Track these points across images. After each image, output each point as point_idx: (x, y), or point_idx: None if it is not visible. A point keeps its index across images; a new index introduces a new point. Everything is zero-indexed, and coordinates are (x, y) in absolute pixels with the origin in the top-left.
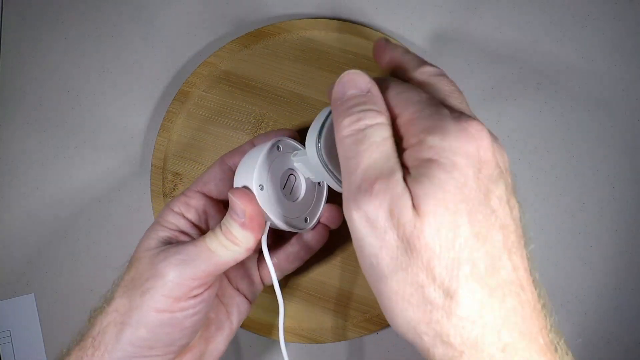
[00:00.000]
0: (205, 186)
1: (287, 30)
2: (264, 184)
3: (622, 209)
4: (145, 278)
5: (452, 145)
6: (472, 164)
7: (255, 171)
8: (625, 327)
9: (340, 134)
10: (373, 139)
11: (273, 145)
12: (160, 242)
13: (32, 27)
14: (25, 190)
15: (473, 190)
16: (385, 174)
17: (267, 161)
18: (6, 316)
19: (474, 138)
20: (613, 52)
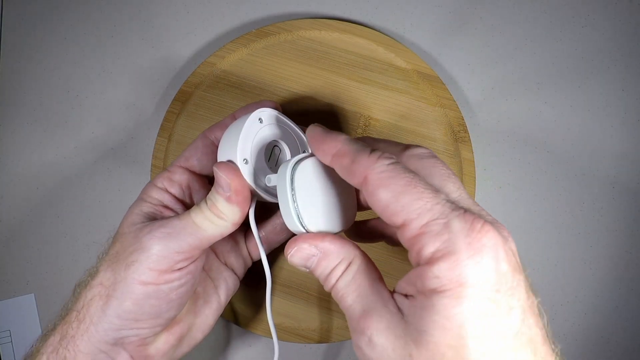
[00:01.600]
0: (187, 161)
1: (287, 30)
2: (247, 158)
3: (622, 209)
4: (129, 252)
5: (462, 274)
6: (489, 286)
7: (238, 145)
8: (625, 327)
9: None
10: (342, 291)
11: (255, 117)
12: (145, 217)
13: (32, 27)
14: (25, 190)
15: (490, 316)
16: (365, 313)
17: (250, 134)
18: (6, 316)
19: (490, 251)
20: (613, 52)
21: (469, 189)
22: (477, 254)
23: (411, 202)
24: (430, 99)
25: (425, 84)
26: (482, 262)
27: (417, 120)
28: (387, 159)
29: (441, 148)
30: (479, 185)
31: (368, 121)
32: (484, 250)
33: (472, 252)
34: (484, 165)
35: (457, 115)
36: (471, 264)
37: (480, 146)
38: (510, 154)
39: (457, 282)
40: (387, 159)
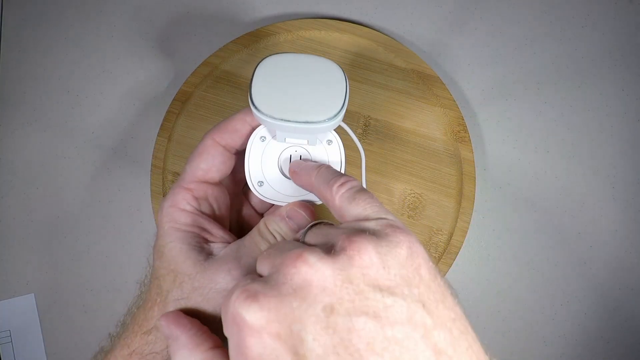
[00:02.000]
0: (207, 174)
1: (287, 30)
2: (262, 180)
3: (622, 209)
4: (211, 295)
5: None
6: (387, 265)
7: (247, 172)
8: (625, 327)
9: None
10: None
11: (256, 137)
12: (193, 249)
13: (32, 27)
14: (25, 190)
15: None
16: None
17: (256, 156)
18: (6, 316)
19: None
20: (613, 52)
21: (469, 189)
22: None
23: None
24: (430, 99)
25: (425, 84)
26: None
27: (417, 120)
28: (343, 188)
29: (441, 148)
30: (479, 185)
31: (368, 121)
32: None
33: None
34: (484, 165)
35: (457, 115)
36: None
37: (480, 146)
38: (510, 154)
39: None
40: (342, 190)
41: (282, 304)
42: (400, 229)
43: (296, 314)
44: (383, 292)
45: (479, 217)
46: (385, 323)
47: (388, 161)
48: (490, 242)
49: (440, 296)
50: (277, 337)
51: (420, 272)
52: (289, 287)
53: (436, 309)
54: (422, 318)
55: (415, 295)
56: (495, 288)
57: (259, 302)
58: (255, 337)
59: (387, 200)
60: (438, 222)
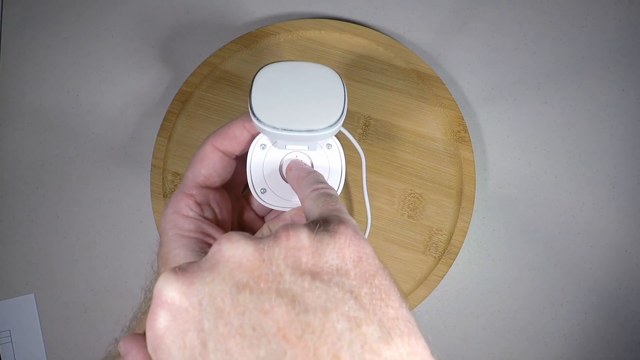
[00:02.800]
0: (208, 179)
1: (287, 30)
2: (265, 187)
3: (622, 209)
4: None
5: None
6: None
7: (250, 180)
8: (625, 327)
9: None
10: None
11: (256, 145)
12: (198, 257)
13: (32, 27)
14: (25, 190)
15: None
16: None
17: (258, 164)
18: (6, 316)
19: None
20: (613, 52)
21: (469, 189)
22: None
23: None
24: (430, 99)
25: (425, 84)
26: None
27: (417, 120)
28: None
29: (441, 148)
30: (479, 185)
31: (368, 121)
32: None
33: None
34: (484, 165)
35: (457, 115)
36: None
37: (480, 146)
38: (510, 154)
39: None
40: (313, 193)
41: (196, 278)
42: (346, 224)
43: (207, 288)
44: (305, 276)
45: (479, 217)
46: (302, 308)
47: (388, 161)
48: (490, 242)
49: (381, 294)
50: (186, 311)
51: (360, 267)
52: (208, 262)
53: (371, 304)
54: (352, 310)
55: (347, 286)
56: (495, 288)
57: (178, 277)
58: (165, 310)
59: (387, 200)
60: (438, 222)
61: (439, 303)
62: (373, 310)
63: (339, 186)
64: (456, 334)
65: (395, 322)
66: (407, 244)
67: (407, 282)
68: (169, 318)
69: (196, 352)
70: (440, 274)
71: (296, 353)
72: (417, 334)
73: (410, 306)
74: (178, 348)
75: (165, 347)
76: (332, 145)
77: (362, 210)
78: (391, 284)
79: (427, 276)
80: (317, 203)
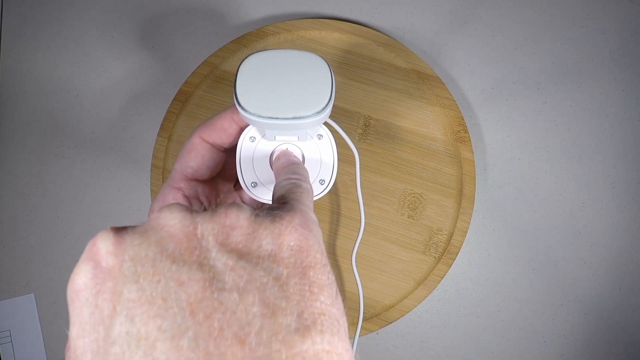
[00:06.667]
0: (197, 172)
1: (287, 30)
2: (255, 180)
3: (622, 209)
4: None
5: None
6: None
7: (240, 174)
8: (625, 327)
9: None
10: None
11: (245, 138)
12: None
13: (32, 27)
14: (25, 190)
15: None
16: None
17: (248, 157)
18: (6, 316)
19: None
20: (613, 52)
21: (469, 189)
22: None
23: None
24: (430, 99)
25: (425, 84)
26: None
27: (417, 120)
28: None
29: (441, 148)
30: (479, 185)
31: (368, 121)
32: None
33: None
34: (484, 165)
35: (457, 115)
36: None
37: (480, 146)
38: (510, 154)
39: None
40: (286, 181)
41: (127, 239)
42: (295, 212)
43: (132, 251)
44: (232, 254)
45: (479, 217)
46: (218, 286)
47: (388, 161)
48: (490, 242)
49: (312, 288)
50: (108, 271)
51: (297, 257)
52: (143, 227)
53: (296, 294)
54: (272, 297)
55: (274, 272)
56: (495, 288)
57: (113, 234)
58: (89, 266)
59: (387, 200)
60: (438, 222)
61: (439, 303)
62: (297, 301)
63: (331, 177)
64: (456, 334)
65: (320, 318)
66: (407, 244)
67: (407, 282)
68: (90, 276)
69: (105, 314)
70: (440, 274)
71: (199, 331)
72: (342, 335)
73: (410, 306)
74: (90, 307)
75: (79, 303)
76: (323, 136)
77: (358, 209)
78: (329, 281)
79: (427, 276)
80: (282, 191)
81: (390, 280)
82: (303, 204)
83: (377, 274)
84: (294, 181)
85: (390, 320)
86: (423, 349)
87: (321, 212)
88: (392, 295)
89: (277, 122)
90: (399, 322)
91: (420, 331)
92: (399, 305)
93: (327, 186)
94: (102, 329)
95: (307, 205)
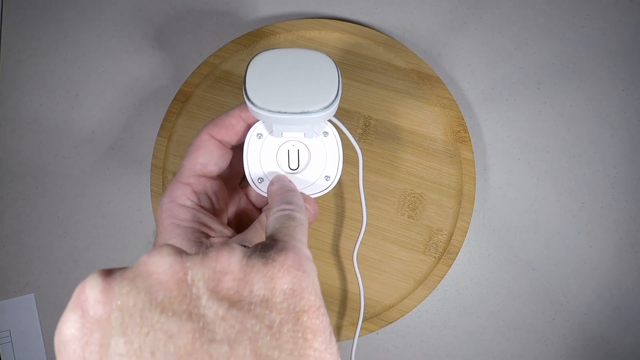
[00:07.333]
0: (205, 168)
1: (287, 30)
2: (262, 176)
3: (622, 209)
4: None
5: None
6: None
7: (247, 170)
8: (625, 327)
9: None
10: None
11: (252, 135)
12: (192, 246)
13: (32, 27)
14: (25, 189)
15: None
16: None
17: (254, 153)
18: (6, 316)
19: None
20: (613, 52)
21: (469, 189)
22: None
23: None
24: (430, 99)
25: (425, 84)
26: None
27: (417, 120)
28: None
29: (441, 148)
30: (479, 185)
31: (368, 121)
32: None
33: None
34: (484, 165)
35: (457, 115)
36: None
37: (480, 146)
38: (510, 154)
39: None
40: (279, 213)
41: (116, 286)
42: (288, 252)
43: (120, 301)
44: (222, 303)
45: (479, 217)
46: (209, 337)
47: (388, 161)
48: (490, 242)
49: (305, 334)
50: (95, 321)
51: (290, 301)
52: (132, 272)
53: (290, 343)
54: (265, 347)
55: (267, 319)
56: (495, 288)
57: (102, 280)
58: (77, 315)
59: (387, 200)
60: (438, 222)
61: (439, 303)
62: (290, 350)
63: (336, 174)
64: (456, 334)
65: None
66: (407, 244)
67: (407, 282)
68: (78, 326)
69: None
70: (440, 274)
71: None
72: None
73: (410, 306)
74: (77, 359)
75: (65, 354)
76: (328, 133)
77: (360, 209)
78: (323, 324)
79: (427, 276)
80: (275, 223)
81: (390, 280)
82: (296, 240)
83: (377, 274)
84: (287, 212)
85: (390, 320)
86: (423, 349)
87: (322, 212)
88: (392, 295)
89: (285, 117)
90: (399, 322)
91: (420, 331)
92: (399, 305)
93: (332, 182)
94: None
95: (300, 240)
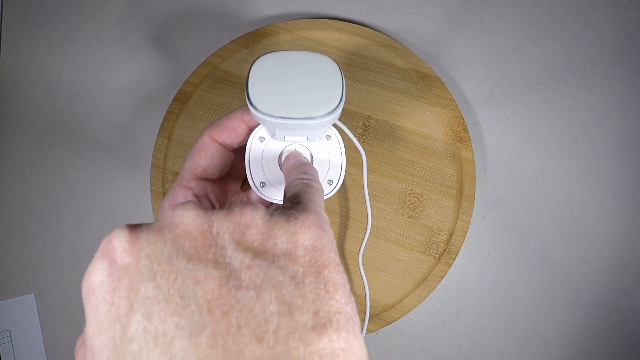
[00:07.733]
0: (206, 171)
1: (287, 30)
2: (264, 180)
3: (622, 209)
4: None
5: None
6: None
7: (249, 175)
8: (625, 327)
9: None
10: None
11: (254, 138)
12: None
13: (32, 27)
14: (25, 190)
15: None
16: None
17: (257, 157)
18: (6, 316)
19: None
20: (613, 52)
21: (469, 189)
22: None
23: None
24: (430, 99)
25: (425, 84)
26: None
27: (417, 120)
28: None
29: (441, 148)
30: (479, 185)
31: (368, 121)
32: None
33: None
34: (484, 165)
35: (457, 115)
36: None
37: (480, 146)
38: (510, 154)
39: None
40: (298, 181)
41: (143, 237)
42: (309, 212)
43: (148, 249)
44: (247, 253)
45: (479, 217)
46: (235, 284)
47: (388, 161)
48: (490, 242)
49: (327, 287)
50: (123, 269)
51: (312, 256)
52: (158, 225)
53: (312, 293)
54: (289, 295)
55: (290, 270)
56: (495, 288)
57: (129, 232)
58: (105, 263)
59: (387, 200)
60: (438, 222)
61: (439, 303)
62: (313, 299)
63: (339, 178)
64: (456, 334)
65: (335, 316)
66: (407, 244)
67: (407, 282)
68: (105, 273)
69: (121, 312)
70: (440, 274)
71: (217, 328)
72: (357, 333)
73: (410, 306)
74: (106, 305)
75: (94, 301)
76: (331, 137)
77: (363, 210)
78: (343, 280)
79: (427, 276)
80: (294, 190)
81: (390, 280)
82: (316, 204)
83: (377, 274)
84: (305, 181)
85: (390, 320)
86: (423, 349)
87: (326, 213)
88: (392, 295)
89: (288, 122)
90: (399, 322)
91: (420, 331)
92: (399, 305)
93: (335, 186)
94: (119, 327)
95: (319, 205)
